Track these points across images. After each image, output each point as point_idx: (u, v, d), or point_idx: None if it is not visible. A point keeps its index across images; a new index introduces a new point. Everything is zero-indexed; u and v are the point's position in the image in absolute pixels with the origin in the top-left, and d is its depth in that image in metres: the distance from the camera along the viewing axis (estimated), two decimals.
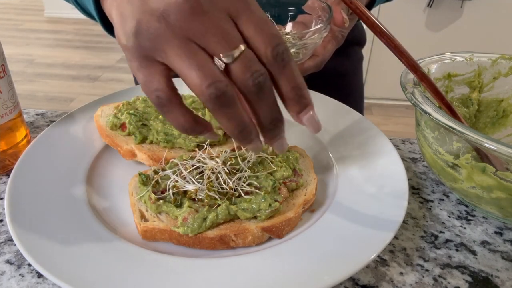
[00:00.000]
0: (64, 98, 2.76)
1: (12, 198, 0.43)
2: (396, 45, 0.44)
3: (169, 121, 0.36)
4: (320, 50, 0.61)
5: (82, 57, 3.37)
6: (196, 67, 0.32)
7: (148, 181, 0.46)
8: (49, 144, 0.53)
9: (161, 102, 0.34)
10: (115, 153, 0.54)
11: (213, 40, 0.32)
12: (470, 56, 0.56)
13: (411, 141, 0.63)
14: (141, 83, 0.34)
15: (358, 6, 0.44)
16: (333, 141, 0.57)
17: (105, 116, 0.58)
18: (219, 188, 0.44)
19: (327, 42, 0.61)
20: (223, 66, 0.32)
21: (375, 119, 2.51)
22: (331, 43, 0.61)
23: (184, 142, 0.53)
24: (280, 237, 0.42)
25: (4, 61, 0.51)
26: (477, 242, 0.45)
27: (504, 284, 0.40)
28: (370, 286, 0.40)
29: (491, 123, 0.58)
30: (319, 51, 0.61)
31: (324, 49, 0.61)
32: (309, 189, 0.47)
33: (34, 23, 4.13)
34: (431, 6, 2.36)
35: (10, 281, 0.39)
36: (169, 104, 0.34)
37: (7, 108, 0.52)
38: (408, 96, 0.45)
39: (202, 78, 0.31)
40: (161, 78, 0.34)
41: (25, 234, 0.39)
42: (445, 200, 0.51)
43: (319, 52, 0.61)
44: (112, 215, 0.45)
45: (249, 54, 0.33)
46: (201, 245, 0.41)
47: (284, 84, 0.35)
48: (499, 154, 0.37)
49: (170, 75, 0.34)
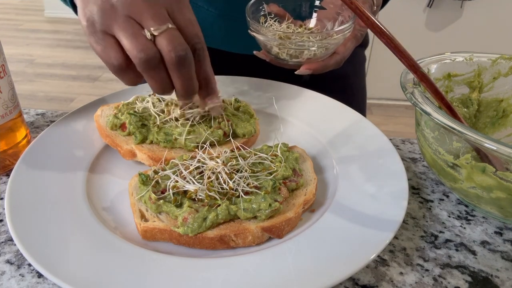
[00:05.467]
0: (64, 98, 2.76)
1: (12, 198, 0.43)
2: (396, 45, 0.44)
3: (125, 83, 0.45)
4: (340, 49, 0.61)
5: (82, 57, 3.37)
6: (131, 36, 0.41)
7: (148, 181, 0.46)
8: (49, 144, 0.53)
9: (119, 67, 0.42)
10: (115, 153, 0.54)
11: (147, 17, 0.41)
12: (470, 56, 0.56)
13: (411, 141, 0.63)
14: (100, 54, 0.43)
15: (358, 6, 0.44)
16: (333, 141, 0.57)
17: (105, 116, 0.58)
18: (219, 188, 0.44)
19: (347, 40, 0.61)
20: (150, 37, 0.41)
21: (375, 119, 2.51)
22: (351, 41, 0.62)
23: (184, 142, 0.53)
24: (280, 237, 0.42)
25: (4, 61, 0.51)
26: (477, 242, 0.45)
27: (504, 284, 0.40)
28: (370, 286, 0.40)
29: (491, 123, 0.58)
30: (340, 50, 0.61)
31: (344, 47, 0.62)
32: (309, 189, 0.47)
33: (34, 23, 4.13)
34: (431, 6, 2.35)
35: (10, 281, 0.39)
36: (126, 68, 0.43)
37: (7, 108, 0.52)
38: (408, 96, 0.45)
39: (135, 45, 0.40)
40: (115, 47, 0.42)
41: (25, 234, 0.39)
42: (445, 200, 0.51)
43: (340, 51, 0.61)
44: (112, 215, 0.45)
45: (175, 32, 0.42)
46: (201, 245, 0.41)
47: (197, 73, 0.45)
48: (499, 154, 0.37)
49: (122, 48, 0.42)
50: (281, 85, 0.68)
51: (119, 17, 0.41)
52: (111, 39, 0.42)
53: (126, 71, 0.43)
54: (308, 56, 0.60)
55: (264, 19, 0.66)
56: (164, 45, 0.41)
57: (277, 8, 0.67)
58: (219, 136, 0.54)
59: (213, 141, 0.53)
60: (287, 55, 0.61)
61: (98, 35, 0.42)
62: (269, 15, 0.66)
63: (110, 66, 0.43)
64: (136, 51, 0.40)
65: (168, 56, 0.41)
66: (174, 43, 0.41)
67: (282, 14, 0.67)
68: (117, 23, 0.41)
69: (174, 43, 0.41)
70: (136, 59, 0.41)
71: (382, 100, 2.69)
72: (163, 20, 0.41)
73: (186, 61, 0.42)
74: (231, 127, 0.56)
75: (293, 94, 0.66)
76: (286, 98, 0.66)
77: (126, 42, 0.41)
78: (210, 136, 0.53)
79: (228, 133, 0.55)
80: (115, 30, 0.41)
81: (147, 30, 0.41)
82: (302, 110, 0.63)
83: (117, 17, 0.41)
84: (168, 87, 0.45)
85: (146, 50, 0.41)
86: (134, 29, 0.41)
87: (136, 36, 0.41)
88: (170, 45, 0.41)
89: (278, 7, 0.67)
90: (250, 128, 0.57)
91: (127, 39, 0.41)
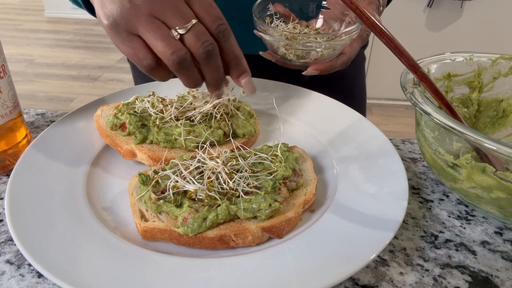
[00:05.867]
0: (64, 98, 2.76)
1: (12, 198, 0.43)
2: (396, 45, 0.44)
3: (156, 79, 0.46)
4: (347, 49, 0.62)
5: (82, 57, 3.37)
6: (161, 39, 0.41)
7: (148, 181, 0.46)
8: (49, 144, 0.53)
9: (150, 67, 0.44)
10: (115, 153, 0.54)
11: (171, 16, 0.42)
12: (470, 56, 0.56)
13: (411, 141, 0.63)
14: (128, 55, 0.44)
15: (358, 6, 0.44)
16: (333, 141, 0.57)
17: (105, 116, 0.58)
18: (219, 188, 0.44)
19: (353, 40, 0.61)
20: (178, 37, 0.42)
21: (375, 119, 2.51)
22: (357, 42, 0.62)
23: (184, 142, 0.53)
24: (280, 237, 0.42)
25: (4, 61, 0.51)
26: (477, 242, 0.45)
27: (504, 284, 0.40)
28: (370, 286, 0.40)
29: (491, 123, 0.58)
30: (346, 50, 0.61)
31: (350, 47, 0.62)
32: (309, 189, 0.47)
33: (34, 23, 4.12)
34: (431, 6, 2.35)
35: (10, 281, 0.39)
36: (157, 67, 0.44)
37: (7, 108, 0.52)
38: (408, 96, 0.45)
39: (166, 47, 0.41)
40: (144, 48, 0.43)
41: (25, 234, 0.39)
42: (445, 200, 0.51)
43: (346, 51, 0.62)
44: (112, 215, 0.45)
45: (200, 27, 0.43)
46: (201, 245, 0.41)
47: (227, 53, 0.46)
48: (499, 154, 0.37)
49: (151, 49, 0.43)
50: (281, 85, 0.68)
51: (143, 16, 0.41)
52: (138, 40, 0.43)
53: (157, 70, 0.44)
54: (315, 56, 0.60)
55: (270, 19, 0.66)
56: (193, 43, 0.42)
57: (283, 8, 0.67)
58: (219, 136, 0.54)
59: (213, 141, 0.53)
60: (294, 56, 0.61)
61: (123, 36, 0.43)
62: (275, 15, 0.66)
63: (141, 67, 0.44)
64: (168, 54, 0.41)
65: (197, 53, 0.43)
66: (201, 39, 0.42)
67: (288, 14, 0.67)
68: (141, 23, 0.41)
69: (201, 39, 0.42)
70: (170, 62, 0.42)
71: (382, 100, 2.69)
72: (187, 17, 0.42)
73: (213, 53, 0.44)
74: (231, 127, 0.56)
75: (293, 94, 0.66)
76: (286, 98, 0.66)
77: (156, 44, 0.42)
78: (210, 136, 0.53)
79: (228, 133, 0.55)
80: (141, 31, 0.42)
81: (173, 30, 0.42)
82: (302, 110, 0.63)
83: (140, 16, 0.41)
84: (200, 81, 0.47)
85: (177, 52, 0.42)
86: (162, 31, 0.42)
87: (164, 38, 0.41)
88: (198, 43, 0.42)
89: (283, 7, 0.67)
90: (250, 128, 0.57)
91: (157, 41, 0.41)
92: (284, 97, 0.66)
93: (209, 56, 0.43)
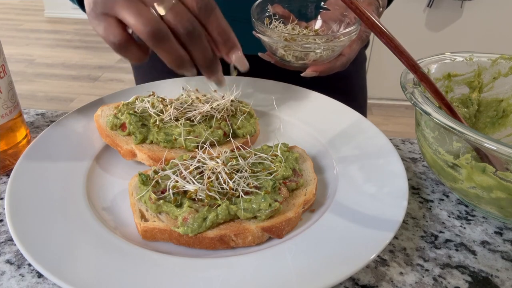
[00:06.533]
0: (64, 98, 2.76)
1: (12, 198, 0.43)
2: (396, 45, 0.44)
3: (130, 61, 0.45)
4: (346, 50, 0.61)
5: (82, 57, 3.36)
6: (136, 13, 0.40)
7: (148, 181, 0.46)
8: (49, 144, 0.53)
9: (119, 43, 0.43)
10: (115, 153, 0.54)
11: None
12: (470, 56, 0.56)
13: (411, 141, 0.63)
14: (102, 35, 0.43)
15: (358, 6, 0.44)
16: (333, 141, 0.57)
17: (105, 116, 0.58)
18: (219, 188, 0.44)
19: (353, 42, 0.61)
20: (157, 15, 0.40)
21: (375, 119, 2.51)
22: (357, 43, 0.62)
23: (184, 142, 0.53)
24: (280, 237, 0.42)
25: (4, 61, 0.51)
26: (477, 242, 0.45)
27: (504, 284, 0.40)
28: (370, 286, 0.40)
29: (491, 123, 0.58)
30: (345, 51, 0.61)
31: (350, 48, 0.62)
32: (309, 189, 0.47)
33: (34, 23, 4.12)
34: (431, 6, 2.35)
35: (10, 281, 0.39)
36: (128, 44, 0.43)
37: (7, 108, 0.52)
38: (408, 96, 0.45)
39: (140, 20, 0.40)
40: (116, 25, 0.42)
41: (25, 234, 0.39)
42: (445, 200, 0.51)
43: (345, 52, 0.61)
44: (112, 215, 0.45)
45: (179, 6, 0.41)
46: (201, 245, 0.41)
47: (212, 30, 0.43)
48: (499, 154, 0.37)
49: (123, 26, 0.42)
50: (281, 85, 0.68)
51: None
52: (111, 19, 0.42)
53: (127, 48, 0.43)
54: (314, 58, 0.60)
55: (269, 20, 0.66)
56: (172, 22, 0.41)
57: (282, 9, 0.67)
58: (219, 136, 0.54)
59: (213, 141, 0.53)
60: (293, 57, 0.61)
61: (100, 18, 0.42)
62: (274, 16, 0.66)
63: (111, 44, 0.43)
64: (142, 25, 0.40)
65: (179, 32, 0.41)
66: (181, 18, 0.41)
67: (287, 15, 0.67)
68: (118, 4, 0.41)
69: (181, 18, 0.41)
70: (144, 34, 0.40)
71: (382, 100, 2.69)
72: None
73: (195, 31, 0.42)
74: (231, 127, 0.56)
75: (293, 94, 0.66)
76: (286, 98, 0.66)
77: (130, 18, 0.40)
78: (210, 136, 0.53)
79: (228, 133, 0.55)
80: (117, 10, 0.41)
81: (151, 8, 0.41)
82: (302, 110, 0.63)
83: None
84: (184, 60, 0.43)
85: (152, 22, 0.40)
86: (138, 7, 0.41)
87: (140, 12, 0.40)
88: (177, 21, 0.41)
89: (282, 8, 0.67)
90: (250, 128, 0.57)
91: (131, 16, 0.40)
92: (284, 97, 0.66)
93: (190, 35, 0.42)
